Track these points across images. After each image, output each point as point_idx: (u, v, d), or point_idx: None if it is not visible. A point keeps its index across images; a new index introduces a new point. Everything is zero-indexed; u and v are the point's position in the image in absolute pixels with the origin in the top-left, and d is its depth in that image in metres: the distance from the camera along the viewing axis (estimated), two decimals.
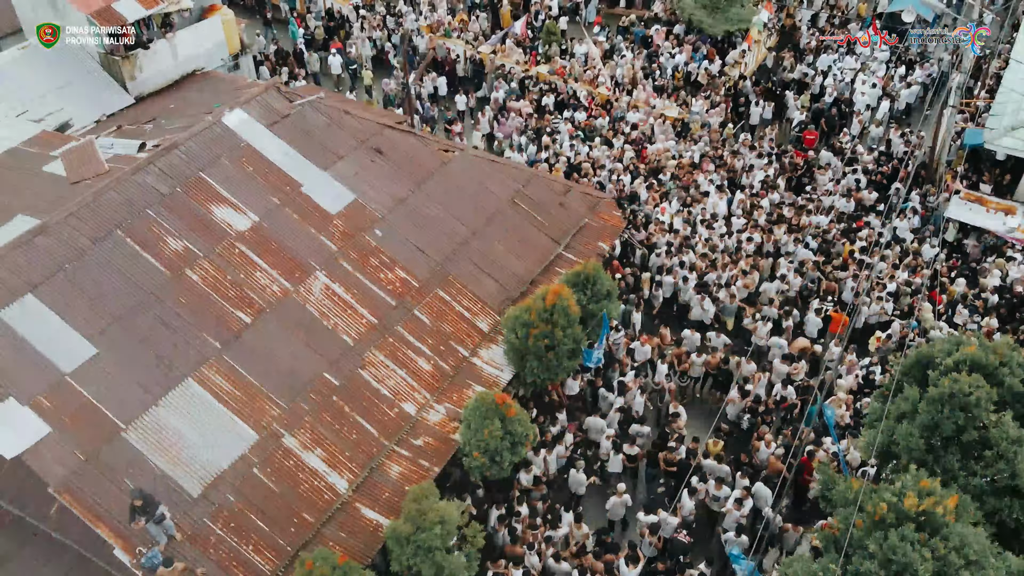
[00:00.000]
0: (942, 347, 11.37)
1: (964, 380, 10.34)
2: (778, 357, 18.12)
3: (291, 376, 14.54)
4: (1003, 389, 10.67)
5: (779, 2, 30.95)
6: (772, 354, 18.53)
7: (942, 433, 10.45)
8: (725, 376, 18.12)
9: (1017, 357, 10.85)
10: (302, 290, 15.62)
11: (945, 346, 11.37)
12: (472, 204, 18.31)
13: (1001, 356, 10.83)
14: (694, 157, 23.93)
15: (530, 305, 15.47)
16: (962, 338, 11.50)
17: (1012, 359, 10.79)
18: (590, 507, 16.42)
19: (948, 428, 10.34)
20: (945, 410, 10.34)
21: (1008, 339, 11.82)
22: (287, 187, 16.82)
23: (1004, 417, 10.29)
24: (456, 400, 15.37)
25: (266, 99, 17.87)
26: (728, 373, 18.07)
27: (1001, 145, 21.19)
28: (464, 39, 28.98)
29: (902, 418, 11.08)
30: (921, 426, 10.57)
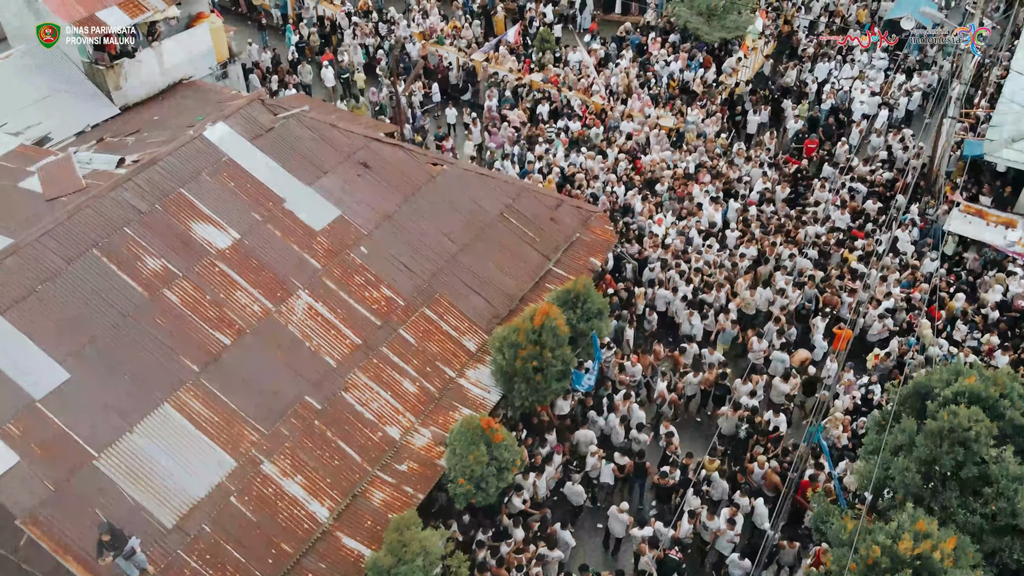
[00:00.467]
0: (940, 377, 10.96)
1: (963, 414, 9.94)
2: (779, 374, 17.73)
3: (271, 400, 14.14)
4: (1004, 422, 10.27)
5: (775, 10, 30.56)
6: (773, 368, 18.17)
7: (940, 469, 10.05)
8: (722, 391, 17.76)
9: (1018, 388, 10.45)
10: (284, 310, 15.22)
11: (944, 375, 10.97)
12: (461, 219, 17.91)
13: (1001, 387, 10.43)
14: (689, 168, 23.54)
15: (518, 325, 15.08)
16: (961, 367, 11.10)
17: (1013, 390, 10.39)
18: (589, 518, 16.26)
19: (947, 464, 9.95)
20: (944, 445, 9.94)
21: (1008, 369, 11.42)
22: (270, 203, 16.43)
23: (1005, 452, 9.90)
24: (442, 423, 14.97)
25: (250, 112, 17.47)
26: (725, 388, 17.72)
27: (1001, 157, 20.80)
28: (457, 46, 28.59)
29: (899, 450, 10.68)
30: (918, 461, 10.18)
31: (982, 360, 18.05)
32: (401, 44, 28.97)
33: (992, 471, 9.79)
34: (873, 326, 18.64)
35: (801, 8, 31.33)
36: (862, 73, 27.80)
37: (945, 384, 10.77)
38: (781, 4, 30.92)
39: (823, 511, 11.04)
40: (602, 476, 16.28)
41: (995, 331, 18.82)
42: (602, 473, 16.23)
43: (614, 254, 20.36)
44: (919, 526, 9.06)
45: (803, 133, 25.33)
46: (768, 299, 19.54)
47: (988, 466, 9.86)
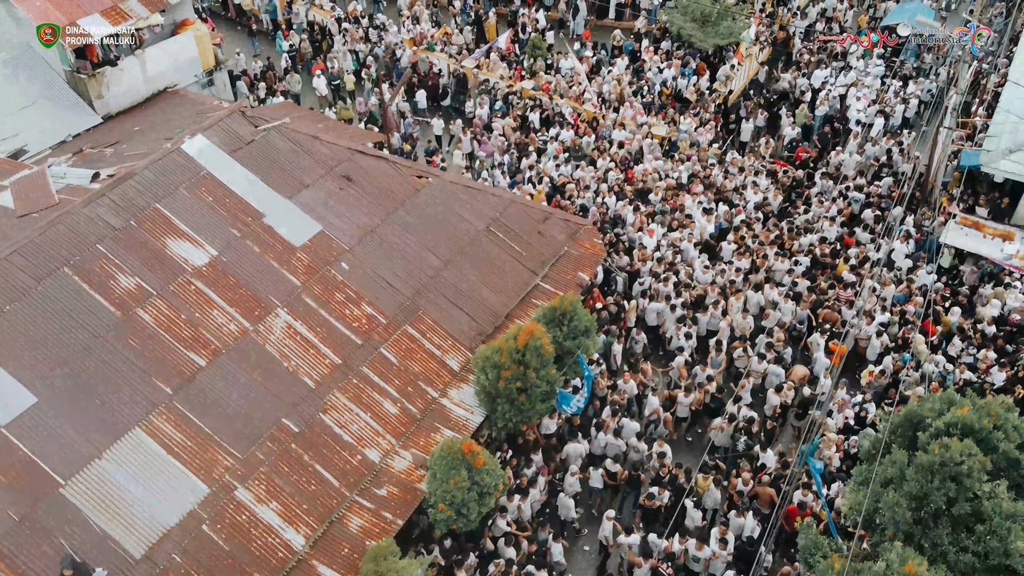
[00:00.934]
0: (932, 406, 10.59)
1: (955, 447, 9.57)
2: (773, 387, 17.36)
3: (247, 423, 13.76)
4: (997, 455, 9.90)
5: (771, 16, 30.19)
6: (768, 382, 17.81)
7: (931, 504, 9.67)
8: (716, 403, 17.43)
9: (1012, 419, 10.08)
10: (262, 329, 14.84)
11: (936, 405, 10.59)
12: (445, 233, 17.54)
13: (995, 419, 10.06)
14: (681, 177, 23.15)
15: (501, 345, 14.70)
16: (954, 396, 10.73)
17: (1007, 422, 10.02)
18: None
19: (938, 500, 9.58)
20: (935, 480, 9.57)
21: (1003, 398, 11.04)
22: (249, 218, 16.05)
23: (998, 488, 9.53)
24: (423, 445, 14.60)
25: (230, 124, 17.10)
26: (720, 401, 17.38)
27: (999, 169, 20.42)
28: (448, 52, 28.21)
29: (889, 483, 10.31)
30: (909, 496, 9.81)
31: (978, 378, 17.72)
32: (391, 50, 28.60)
33: (985, 508, 9.42)
34: (871, 341, 18.24)
35: (797, 13, 30.96)
36: (858, 80, 27.44)
37: (937, 414, 10.40)
38: (776, 10, 30.53)
39: (811, 544, 10.67)
40: (592, 482, 16.06)
41: (992, 347, 18.46)
42: (592, 479, 16.07)
43: (603, 267, 20.00)
44: (908, 568, 8.69)
45: (797, 141, 24.97)
46: (759, 303, 19.32)
47: (981, 502, 9.49)
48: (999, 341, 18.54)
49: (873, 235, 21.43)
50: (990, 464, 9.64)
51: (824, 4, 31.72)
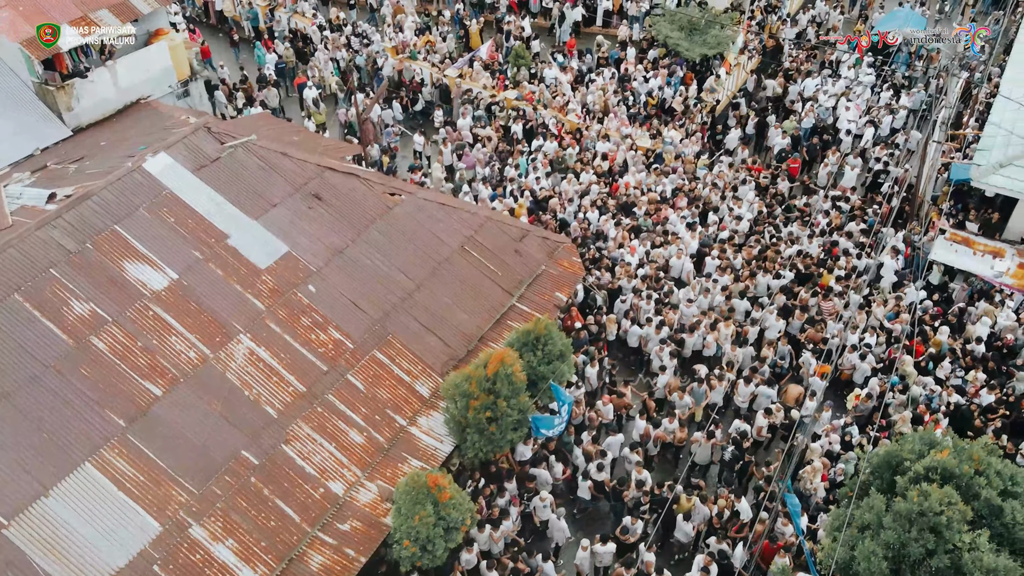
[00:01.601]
0: (913, 447, 10.08)
1: (935, 496, 9.07)
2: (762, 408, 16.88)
3: (204, 456, 13.23)
4: (979, 502, 9.40)
5: (760, 24, 29.68)
6: (758, 403, 17.35)
7: (909, 556, 9.16)
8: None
9: (995, 464, 9.57)
10: (222, 356, 14.31)
11: (916, 446, 10.08)
12: (418, 253, 17.01)
13: (977, 463, 9.55)
14: (666, 191, 22.64)
15: (470, 373, 14.19)
16: (935, 437, 10.22)
17: (989, 467, 9.51)
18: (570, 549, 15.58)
19: (916, 551, 9.07)
20: (913, 530, 9.06)
21: (986, 440, 10.53)
22: (212, 239, 15.52)
23: (979, 539, 9.01)
24: (390, 477, 14.07)
25: (194, 141, 16.57)
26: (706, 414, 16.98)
27: (989, 183, 19.93)
28: (430, 61, 27.69)
29: (865, 529, 9.80)
30: (885, 545, 9.30)
31: (967, 400, 17.22)
32: (372, 59, 28.09)
33: (965, 561, 8.91)
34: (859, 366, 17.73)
35: (787, 21, 30.45)
36: (848, 89, 26.95)
37: (917, 456, 9.89)
38: (766, 18, 30.03)
39: None
40: (579, 492, 15.86)
41: (981, 368, 17.97)
42: (579, 489, 15.82)
43: (583, 286, 19.49)
44: None
45: (787, 152, 24.46)
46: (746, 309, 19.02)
47: (961, 555, 8.98)
48: (989, 363, 18.04)
49: (860, 248, 20.93)
50: (971, 513, 9.14)
51: (815, 11, 31.24)
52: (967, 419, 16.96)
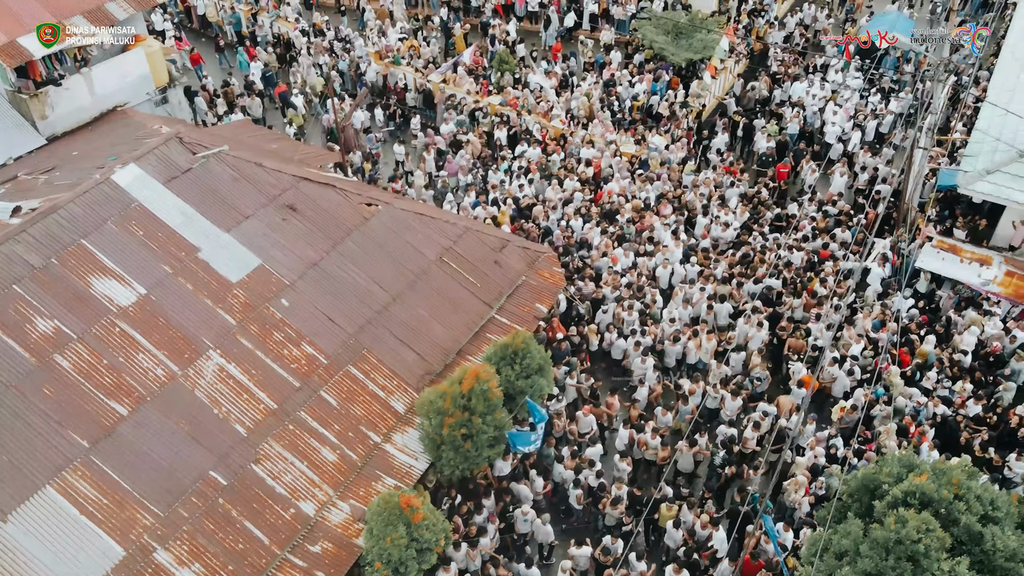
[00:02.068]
0: (891, 470, 9.80)
1: (912, 522, 8.79)
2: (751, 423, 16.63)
3: (170, 477, 12.89)
4: (958, 528, 9.12)
5: (746, 28, 29.41)
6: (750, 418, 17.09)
7: None
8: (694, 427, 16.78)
9: (975, 488, 9.29)
10: (191, 373, 13.98)
11: (895, 469, 9.80)
12: (394, 265, 16.70)
13: (956, 488, 9.27)
14: (650, 198, 22.34)
15: (444, 390, 13.89)
16: (914, 459, 9.94)
17: (969, 492, 9.23)
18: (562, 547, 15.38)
19: None
20: (890, 559, 8.79)
21: (966, 461, 10.26)
22: (183, 253, 15.18)
23: (958, 567, 8.73)
24: (363, 496, 13.76)
25: (165, 152, 16.23)
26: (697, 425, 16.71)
27: (976, 190, 19.66)
28: (414, 66, 27.37)
29: (843, 556, 9.52)
30: (863, 573, 9.01)
31: (953, 411, 16.97)
32: (356, 64, 27.77)
33: None
34: (838, 380, 17.47)
35: (774, 24, 30.19)
36: (835, 93, 26.70)
37: (895, 480, 9.61)
38: (752, 21, 29.76)
39: None
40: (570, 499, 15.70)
41: (968, 378, 17.71)
42: (570, 497, 15.67)
43: (565, 297, 19.20)
44: None
45: (769, 156, 24.17)
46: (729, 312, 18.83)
47: None
48: (976, 373, 17.79)
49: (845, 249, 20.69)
50: (949, 540, 8.86)
51: (802, 14, 30.99)
52: (954, 431, 16.72)
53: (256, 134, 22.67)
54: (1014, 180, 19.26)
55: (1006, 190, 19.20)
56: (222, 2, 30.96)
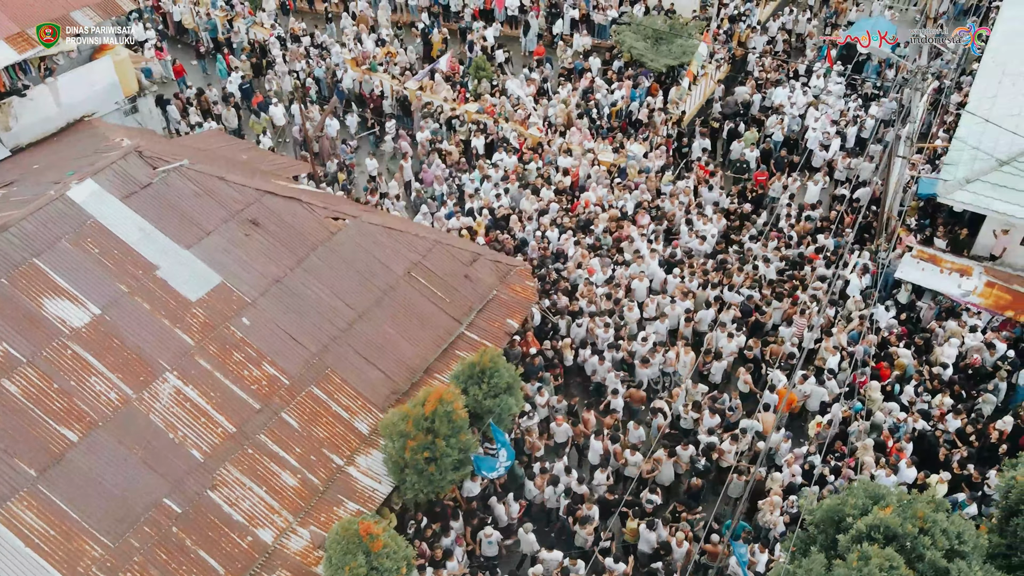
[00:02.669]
0: (856, 502, 9.46)
1: (876, 559, 8.46)
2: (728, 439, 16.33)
3: (122, 506, 12.49)
4: (923, 564, 8.79)
5: (728, 33, 29.10)
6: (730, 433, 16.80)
7: None
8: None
9: (941, 521, 8.96)
10: (146, 396, 13.57)
11: (860, 500, 9.47)
12: (361, 280, 16.32)
13: (922, 522, 8.94)
14: (627, 208, 21.99)
15: (407, 412, 13.51)
16: (881, 490, 9.61)
17: (935, 525, 8.90)
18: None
19: None
20: None
21: (934, 492, 9.94)
22: (140, 271, 14.77)
23: None
24: (324, 522, 13.38)
25: (124, 166, 15.82)
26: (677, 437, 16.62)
27: (955, 199, 19.36)
28: (391, 73, 26.97)
29: None
30: None
31: (932, 426, 16.67)
32: (332, 71, 27.36)
33: None
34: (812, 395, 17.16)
35: (756, 29, 29.88)
36: (817, 99, 26.40)
37: (860, 512, 9.28)
38: (733, 27, 29.44)
39: None
40: (548, 503, 15.59)
41: (948, 392, 17.41)
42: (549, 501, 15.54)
43: (539, 310, 18.85)
44: None
45: (744, 164, 23.86)
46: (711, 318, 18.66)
47: None
48: (956, 386, 17.49)
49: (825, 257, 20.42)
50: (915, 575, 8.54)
51: (784, 19, 30.71)
52: (933, 446, 16.43)
53: (227, 144, 22.28)
54: (994, 189, 18.98)
55: (985, 199, 18.91)
56: (197, 8, 30.50)
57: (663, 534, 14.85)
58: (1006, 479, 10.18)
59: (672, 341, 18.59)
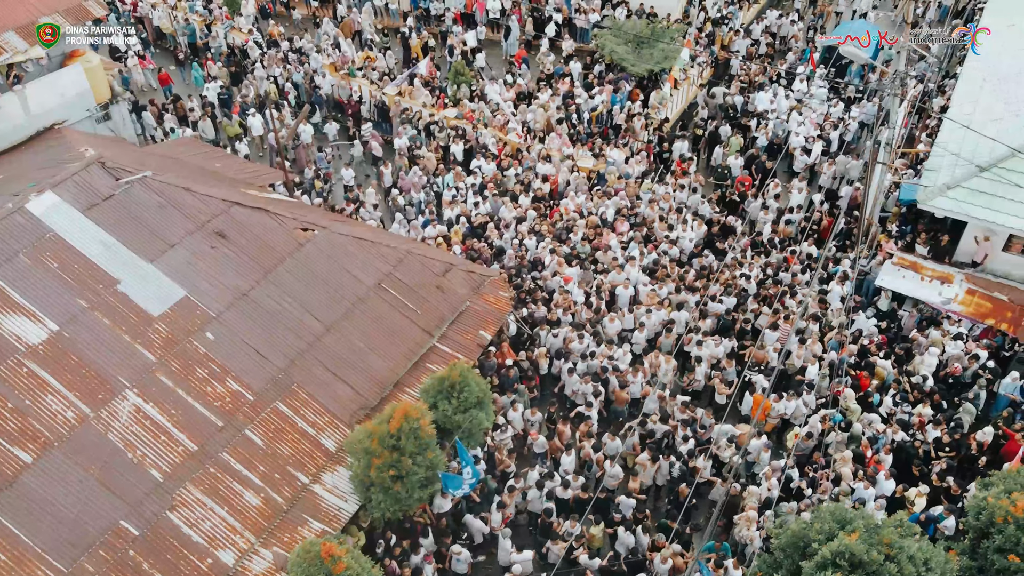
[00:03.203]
0: (822, 526, 9.19)
1: None
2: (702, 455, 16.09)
3: (76, 529, 12.15)
4: None
5: (710, 36, 28.86)
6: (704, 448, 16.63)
7: None
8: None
9: (908, 547, 8.69)
10: (105, 415, 13.23)
11: (825, 526, 9.20)
12: (330, 293, 16.01)
13: (888, 548, 8.68)
14: (607, 215, 21.71)
15: (372, 429, 13.21)
16: (846, 515, 9.34)
17: (901, 551, 8.63)
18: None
19: None
20: None
21: (902, 518, 9.68)
22: (100, 286, 14.43)
23: None
24: (287, 542, 13.07)
25: (86, 177, 15.48)
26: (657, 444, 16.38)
27: (936, 206, 19.13)
28: (369, 79, 26.66)
29: None
30: None
31: (910, 435, 16.45)
32: (310, 76, 27.03)
33: None
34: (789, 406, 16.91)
35: (739, 32, 29.64)
36: (800, 103, 26.19)
37: (826, 538, 9.01)
38: (715, 30, 29.20)
39: None
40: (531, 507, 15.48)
41: (928, 402, 17.17)
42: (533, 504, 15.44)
43: (515, 321, 18.57)
44: None
45: (725, 169, 23.62)
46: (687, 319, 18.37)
47: None
48: (936, 397, 17.24)
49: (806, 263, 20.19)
50: None
51: (768, 22, 30.48)
52: (911, 457, 16.20)
53: (200, 152, 21.96)
54: (974, 195, 18.76)
55: (966, 206, 18.68)
56: (175, 13, 30.14)
57: (643, 541, 14.64)
58: (977, 499, 9.92)
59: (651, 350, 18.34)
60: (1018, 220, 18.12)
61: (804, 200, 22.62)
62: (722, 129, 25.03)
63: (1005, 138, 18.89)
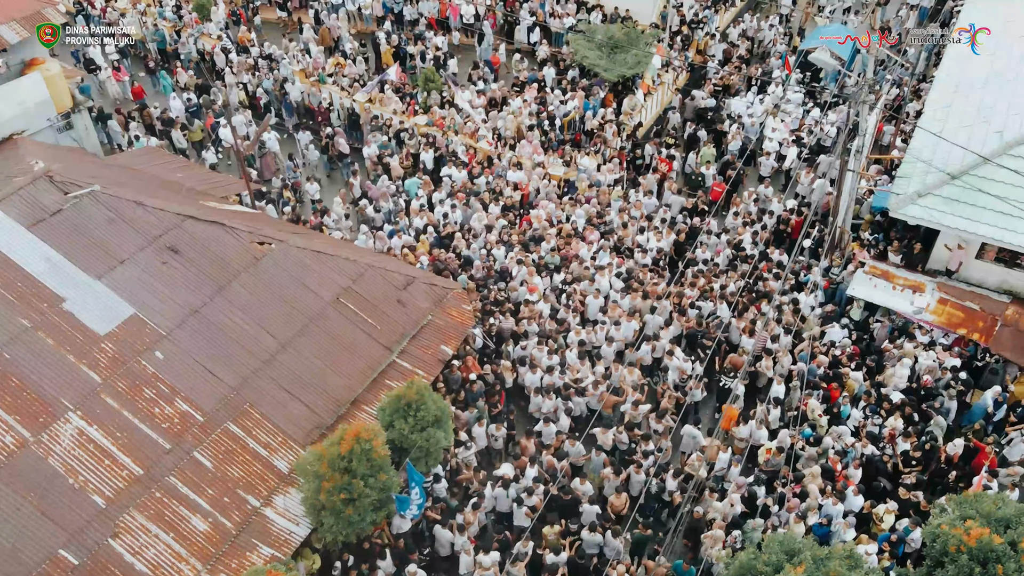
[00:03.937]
0: (769, 557, 8.88)
1: None
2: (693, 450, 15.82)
3: (11, 560, 11.71)
4: None
5: (685, 39, 28.57)
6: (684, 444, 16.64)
7: None
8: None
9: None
10: (45, 439, 12.80)
11: (773, 557, 8.88)
12: (286, 309, 15.61)
13: None
14: (577, 224, 21.38)
15: (322, 452, 12.84)
16: (794, 545, 9.02)
17: None
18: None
19: None
20: None
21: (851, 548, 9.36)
22: (44, 304, 14.00)
23: None
24: (235, 568, 12.67)
25: (32, 193, 15.04)
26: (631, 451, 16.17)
27: (907, 214, 18.88)
28: (340, 85, 26.26)
29: None
30: None
31: (880, 447, 16.18)
32: (280, 83, 26.62)
33: None
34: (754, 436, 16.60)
35: (715, 36, 29.36)
36: (776, 108, 25.92)
37: (774, 569, 8.69)
38: (692, 34, 28.92)
39: None
40: (515, 519, 15.21)
41: (900, 414, 16.89)
42: (515, 516, 15.19)
43: (482, 333, 18.23)
44: None
45: (698, 176, 23.34)
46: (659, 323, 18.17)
47: None
48: (908, 409, 16.96)
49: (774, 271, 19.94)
50: None
51: (744, 26, 30.22)
52: (880, 472, 15.93)
53: (162, 162, 21.51)
54: (946, 203, 18.52)
55: (937, 213, 18.44)
56: (144, 19, 29.69)
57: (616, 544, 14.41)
58: (932, 527, 9.63)
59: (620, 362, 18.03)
60: (989, 228, 17.89)
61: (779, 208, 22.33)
62: (700, 133, 24.77)
63: (976, 145, 18.66)
